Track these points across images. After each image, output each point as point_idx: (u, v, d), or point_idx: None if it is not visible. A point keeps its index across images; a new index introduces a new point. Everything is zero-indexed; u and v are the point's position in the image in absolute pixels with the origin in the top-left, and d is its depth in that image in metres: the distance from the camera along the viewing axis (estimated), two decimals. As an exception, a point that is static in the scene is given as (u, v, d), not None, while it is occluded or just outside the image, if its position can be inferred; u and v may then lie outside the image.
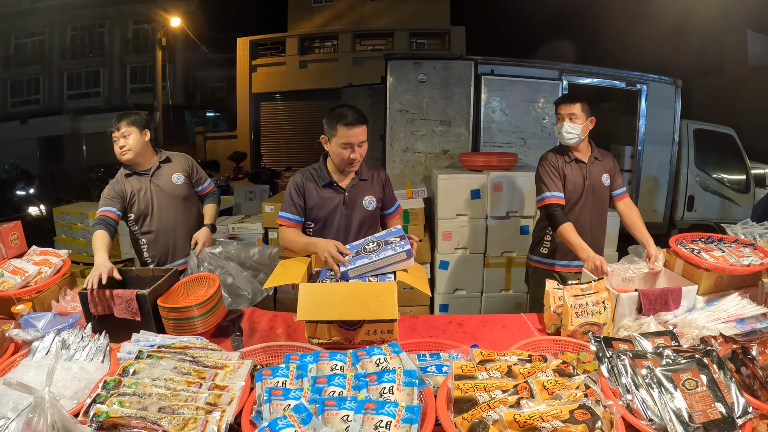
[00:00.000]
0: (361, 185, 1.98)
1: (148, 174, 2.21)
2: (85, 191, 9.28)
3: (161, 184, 2.22)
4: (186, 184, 2.29)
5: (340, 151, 1.84)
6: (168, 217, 2.23)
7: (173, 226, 2.24)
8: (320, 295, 1.49)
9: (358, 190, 1.97)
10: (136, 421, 0.98)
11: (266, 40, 14.82)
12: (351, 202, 1.95)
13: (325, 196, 1.95)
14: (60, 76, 15.47)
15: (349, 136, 1.80)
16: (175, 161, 2.30)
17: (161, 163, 2.25)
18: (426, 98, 4.37)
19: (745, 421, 1.00)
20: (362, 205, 1.97)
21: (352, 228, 1.96)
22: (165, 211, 2.22)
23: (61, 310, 1.64)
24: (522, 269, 2.83)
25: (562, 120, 2.18)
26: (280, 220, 1.95)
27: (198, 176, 2.36)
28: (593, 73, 4.85)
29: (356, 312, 1.43)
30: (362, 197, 1.97)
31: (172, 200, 2.24)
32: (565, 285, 1.64)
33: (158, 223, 2.22)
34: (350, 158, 1.85)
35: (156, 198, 2.21)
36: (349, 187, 1.96)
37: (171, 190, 2.23)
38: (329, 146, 1.89)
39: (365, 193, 1.98)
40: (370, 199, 1.98)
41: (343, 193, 1.95)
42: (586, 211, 2.26)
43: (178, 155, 2.34)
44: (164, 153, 2.29)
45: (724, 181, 5.75)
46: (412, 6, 13.76)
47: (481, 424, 0.91)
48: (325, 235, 1.95)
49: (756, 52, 10.30)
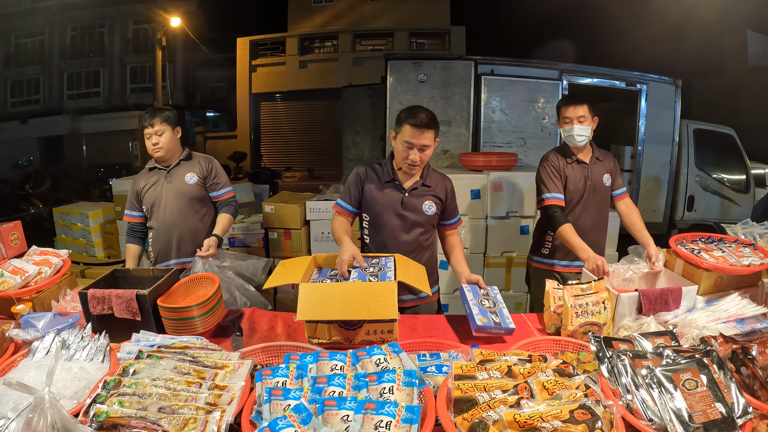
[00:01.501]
0: (423, 189, 1.95)
1: (166, 170, 2.25)
2: (85, 191, 9.29)
3: (174, 181, 2.24)
4: (198, 185, 2.28)
5: (401, 150, 1.83)
6: (171, 214, 2.23)
7: (174, 224, 2.24)
8: (320, 295, 1.49)
9: (419, 193, 1.94)
10: (136, 421, 0.98)
11: (266, 40, 14.84)
12: (410, 203, 1.93)
13: (385, 193, 1.93)
14: (60, 76, 15.47)
15: (413, 137, 1.79)
16: (195, 161, 2.31)
17: (182, 160, 2.28)
18: (426, 98, 4.38)
19: (745, 421, 1.00)
20: (421, 209, 1.94)
21: (405, 229, 1.94)
22: (170, 208, 2.24)
23: (61, 310, 1.64)
24: (522, 269, 2.84)
25: (570, 123, 2.16)
26: (335, 206, 1.98)
27: (214, 181, 2.32)
28: (593, 73, 4.86)
29: (356, 312, 1.43)
30: (422, 201, 1.94)
31: (179, 198, 2.24)
32: (565, 285, 1.65)
33: (162, 218, 2.24)
34: (410, 159, 1.83)
35: (165, 194, 2.23)
36: (410, 189, 1.93)
37: (180, 188, 2.24)
38: (395, 142, 1.88)
39: (426, 198, 1.95)
40: (430, 205, 1.95)
41: (403, 193, 1.93)
42: (587, 212, 2.26)
43: (201, 156, 2.36)
44: (189, 152, 2.32)
45: (724, 181, 5.75)
46: (412, 6, 13.77)
47: (481, 424, 0.91)
48: (377, 232, 1.96)
49: (756, 52, 10.31)
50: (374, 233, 1.99)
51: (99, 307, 1.56)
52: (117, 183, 4.29)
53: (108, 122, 14.26)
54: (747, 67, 10.24)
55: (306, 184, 10.82)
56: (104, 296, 1.56)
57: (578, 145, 2.21)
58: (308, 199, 3.64)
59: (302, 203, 3.57)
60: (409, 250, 1.92)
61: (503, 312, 1.64)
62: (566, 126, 2.19)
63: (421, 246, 1.98)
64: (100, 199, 6.80)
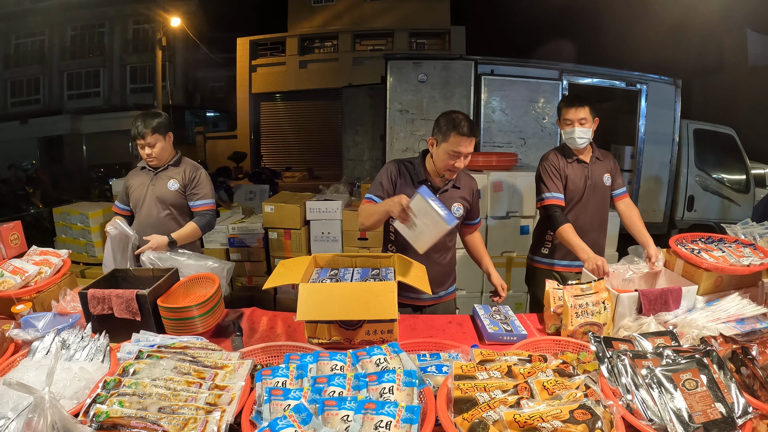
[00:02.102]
0: (453, 191, 1.97)
1: (154, 171, 2.24)
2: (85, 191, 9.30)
3: (158, 184, 2.23)
4: (179, 192, 2.24)
5: (446, 158, 1.82)
6: (149, 216, 2.22)
7: (152, 227, 2.18)
8: (320, 295, 1.49)
9: (449, 195, 1.96)
10: (136, 421, 0.98)
11: (266, 40, 14.82)
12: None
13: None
14: (60, 76, 15.47)
15: (461, 145, 1.78)
16: (182, 167, 2.27)
17: (170, 165, 2.26)
18: (426, 98, 4.38)
19: (745, 421, 1.00)
20: (450, 211, 1.93)
21: None
22: (148, 210, 2.23)
23: (61, 310, 1.64)
24: (522, 269, 2.83)
25: (571, 125, 2.15)
26: (365, 200, 1.94)
27: (194, 191, 2.26)
28: (593, 73, 4.86)
29: (356, 312, 1.43)
30: (452, 203, 1.95)
31: (158, 203, 2.23)
32: (565, 285, 1.65)
33: (141, 220, 2.24)
34: (455, 166, 1.83)
35: (147, 197, 2.22)
36: (442, 191, 1.95)
37: (161, 193, 2.23)
38: (435, 149, 1.87)
39: (455, 200, 1.97)
40: (458, 206, 1.97)
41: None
42: (587, 211, 2.26)
43: (190, 163, 2.32)
44: (180, 156, 2.30)
45: (724, 181, 5.75)
46: (412, 6, 13.76)
47: (481, 424, 0.91)
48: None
49: (756, 52, 10.31)
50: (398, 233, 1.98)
51: (99, 307, 1.56)
52: (117, 183, 4.30)
53: (108, 122, 14.27)
54: (747, 67, 10.24)
55: (306, 184, 10.81)
56: (104, 296, 1.56)
57: (580, 147, 2.21)
58: (308, 199, 3.65)
59: (302, 203, 3.57)
60: (433, 250, 1.90)
61: (515, 322, 1.66)
62: (567, 128, 2.18)
63: (445, 246, 2.00)
64: (100, 199, 6.80)
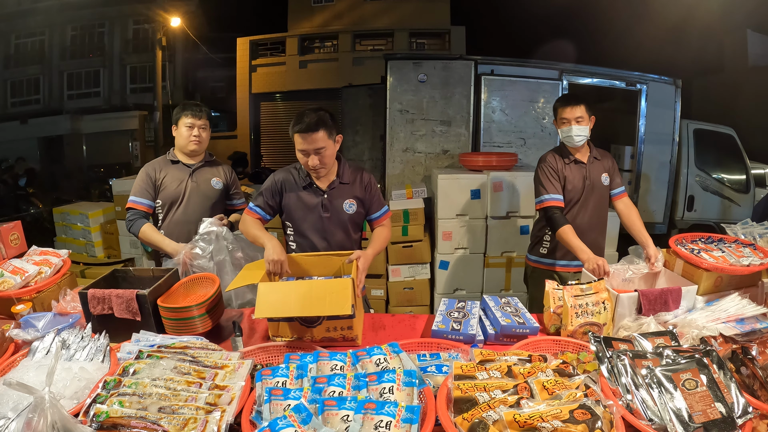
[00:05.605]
0: (341, 188, 1.92)
1: (190, 168, 2.27)
2: (85, 191, 9.30)
3: (200, 182, 2.27)
4: (222, 192, 2.34)
5: (300, 157, 1.81)
6: (194, 213, 2.23)
7: (194, 224, 2.19)
8: (278, 294, 1.51)
9: (337, 193, 1.91)
10: (136, 421, 0.98)
11: (266, 40, 14.81)
12: (330, 205, 1.90)
13: (304, 198, 1.90)
14: (60, 76, 15.45)
15: (302, 143, 1.76)
16: (220, 168, 2.39)
17: (206, 162, 2.32)
18: (426, 98, 4.37)
19: (745, 421, 1.00)
20: (342, 209, 1.91)
21: (330, 231, 1.92)
22: (192, 207, 2.25)
23: (61, 310, 1.64)
24: (522, 269, 2.84)
25: (568, 124, 2.16)
26: (248, 211, 1.92)
27: (235, 190, 2.43)
28: (593, 73, 4.85)
29: (313, 308, 1.44)
30: (342, 200, 1.91)
31: (204, 200, 2.27)
32: (564, 285, 1.65)
33: (182, 216, 2.24)
34: (310, 165, 1.79)
35: (189, 193, 2.24)
36: (329, 190, 1.90)
37: (206, 190, 2.28)
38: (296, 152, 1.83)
39: (346, 197, 1.92)
40: (351, 203, 1.93)
41: (322, 195, 1.90)
42: (586, 211, 2.26)
43: (221, 162, 2.43)
44: (212, 155, 2.38)
45: (724, 181, 5.75)
46: (412, 6, 13.74)
47: (481, 424, 0.91)
48: (303, 237, 1.94)
49: (756, 52, 10.30)
50: (300, 239, 1.96)
51: (99, 307, 1.56)
52: (117, 183, 4.30)
53: (108, 122, 14.26)
54: (747, 67, 10.24)
55: (306, 184, 10.78)
56: (104, 296, 1.56)
57: (576, 146, 2.21)
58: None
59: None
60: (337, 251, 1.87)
61: (526, 315, 1.65)
62: (564, 127, 2.19)
63: (350, 246, 1.95)
64: (100, 199, 6.80)
